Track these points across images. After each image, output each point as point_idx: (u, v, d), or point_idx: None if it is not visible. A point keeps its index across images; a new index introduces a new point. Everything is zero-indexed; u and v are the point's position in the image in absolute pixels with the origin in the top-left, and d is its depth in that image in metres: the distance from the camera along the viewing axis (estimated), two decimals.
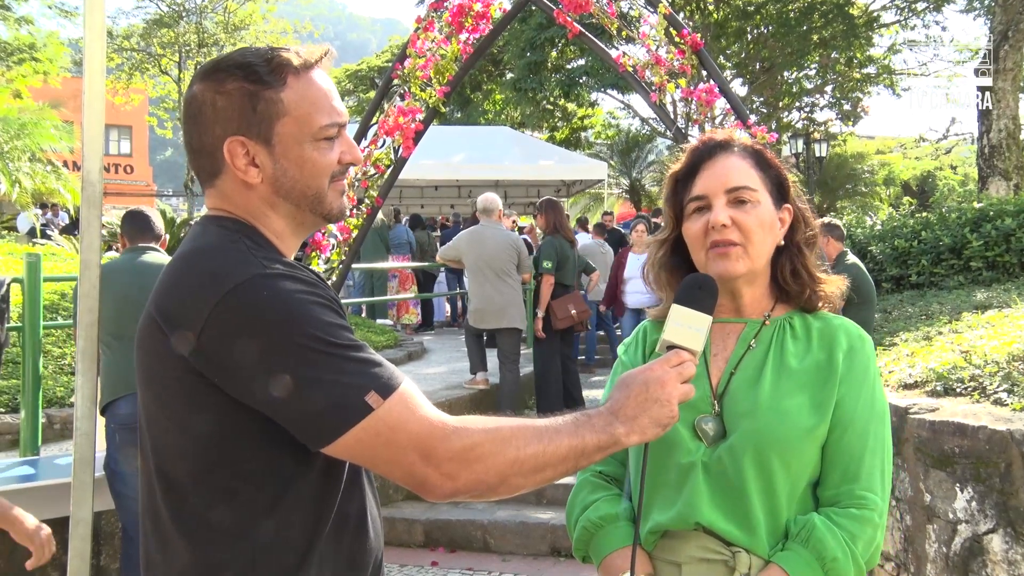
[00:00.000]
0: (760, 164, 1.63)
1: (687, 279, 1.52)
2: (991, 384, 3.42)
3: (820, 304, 1.65)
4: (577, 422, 1.31)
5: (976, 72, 13.32)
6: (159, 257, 4.09)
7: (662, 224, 1.77)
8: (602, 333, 10.67)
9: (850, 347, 1.57)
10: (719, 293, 1.53)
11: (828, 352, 1.57)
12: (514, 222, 13.11)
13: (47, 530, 2.41)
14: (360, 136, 5.68)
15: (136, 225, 4.17)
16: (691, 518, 1.51)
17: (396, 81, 5.66)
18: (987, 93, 12.89)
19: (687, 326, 1.43)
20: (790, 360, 1.57)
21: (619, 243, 11.26)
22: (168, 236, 12.01)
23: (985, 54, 13.22)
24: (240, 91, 1.32)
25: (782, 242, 1.63)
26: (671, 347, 1.42)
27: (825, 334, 1.59)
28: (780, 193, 1.64)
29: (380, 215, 11.20)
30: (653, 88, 5.36)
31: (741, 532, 1.49)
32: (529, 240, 10.68)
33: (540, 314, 7.22)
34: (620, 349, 1.78)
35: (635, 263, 8.90)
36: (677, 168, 1.68)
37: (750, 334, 1.62)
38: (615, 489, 1.69)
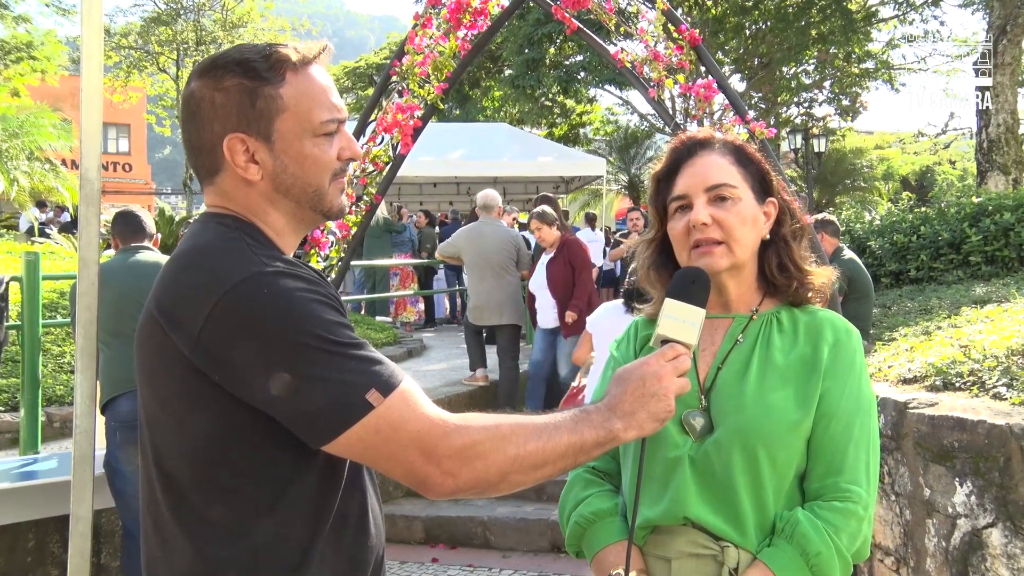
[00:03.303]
0: (741, 160, 1.63)
1: (680, 273, 1.53)
2: (990, 379, 3.41)
3: (810, 297, 1.65)
4: (576, 418, 1.31)
5: (976, 71, 13.31)
6: (153, 256, 4.10)
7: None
8: None
9: (836, 340, 1.57)
10: None
11: (814, 345, 1.57)
12: (515, 219, 13.09)
13: None
14: (358, 133, 5.67)
15: (128, 226, 4.18)
16: (679, 513, 1.52)
17: (394, 78, 5.64)
18: (986, 93, 12.89)
19: (681, 320, 1.43)
20: (776, 354, 1.58)
21: None
22: (167, 234, 11.89)
23: (983, 52, 13.21)
24: (239, 88, 1.32)
25: (767, 236, 1.63)
26: (665, 341, 1.42)
27: (811, 327, 1.60)
28: (763, 187, 1.64)
29: (384, 212, 11.18)
30: (651, 84, 5.35)
31: (729, 526, 1.50)
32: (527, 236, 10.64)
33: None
34: (612, 346, 1.80)
35: (540, 271, 6.84)
36: (658, 168, 1.69)
37: (737, 329, 1.63)
38: (607, 484, 1.70)
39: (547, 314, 6.74)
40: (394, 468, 1.24)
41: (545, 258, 6.75)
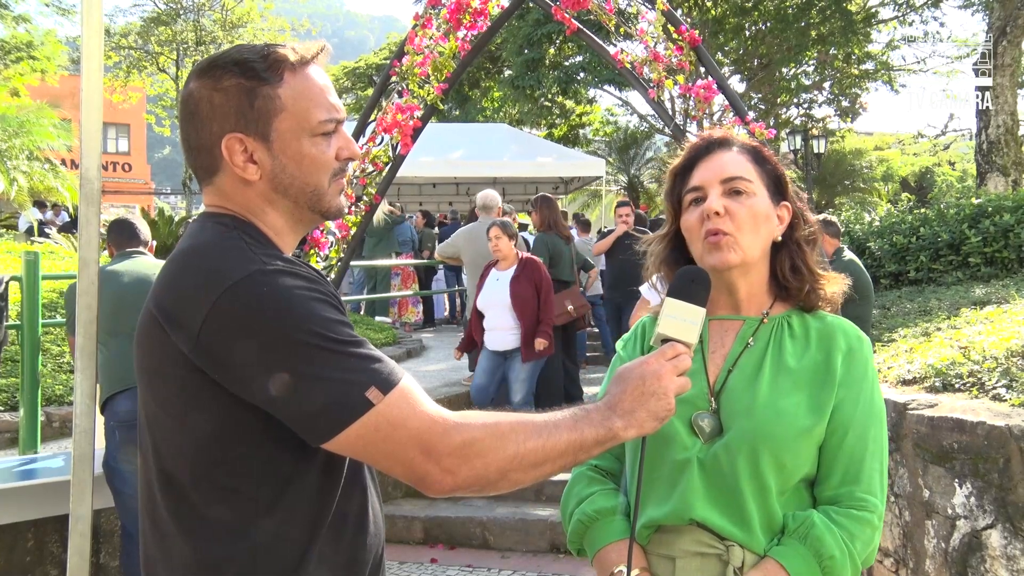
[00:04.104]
0: (757, 160, 1.65)
1: (680, 272, 1.52)
2: (990, 380, 3.42)
3: (820, 304, 1.64)
4: (575, 417, 1.31)
5: (975, 72, 13.33)
6: (149, 259, 4.13)
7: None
8: (595, 330, 10.55)
9: (849, 348, 1.57)
10: (716, 287, 1.54)
11: (826, 353, 1.57)
12: (513, 219, 13.06)
13: None
14: (358, 133, 5.68)
15: (123, 233, 4.20)
16: (686, 514, 1.52)
17: (394, 78, 5.65)
18: (986, 93, 12.91)
19: (681, 319, 1.43)
20: (788, 359, 1.57)
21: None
22: (166, 234, 11.85)
23: (983, 53, 13.23)
24: (237, 88, 1.32)
25: (779, 238, 1.63)
26: (666, 340, 1.42)
27: (823, 334, 1.60)
28: (778, 189, 1.65)
29: (384, 211, 11.16)
30: (651, 85, 5.36)
31: (736, 528, 1.50)
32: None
33: None
34: (619, 344, 1.80)
35: (494, 288, 6.12)
36: (676, 163, 1.70)
37: (748, 332, 1.62)
38: (610, 483, 1.70)
39: (500, 335, 6.11)
40: (394, 466, 1.24)
41: (498, 274, 6.15)
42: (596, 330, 10.40)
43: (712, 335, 1.64)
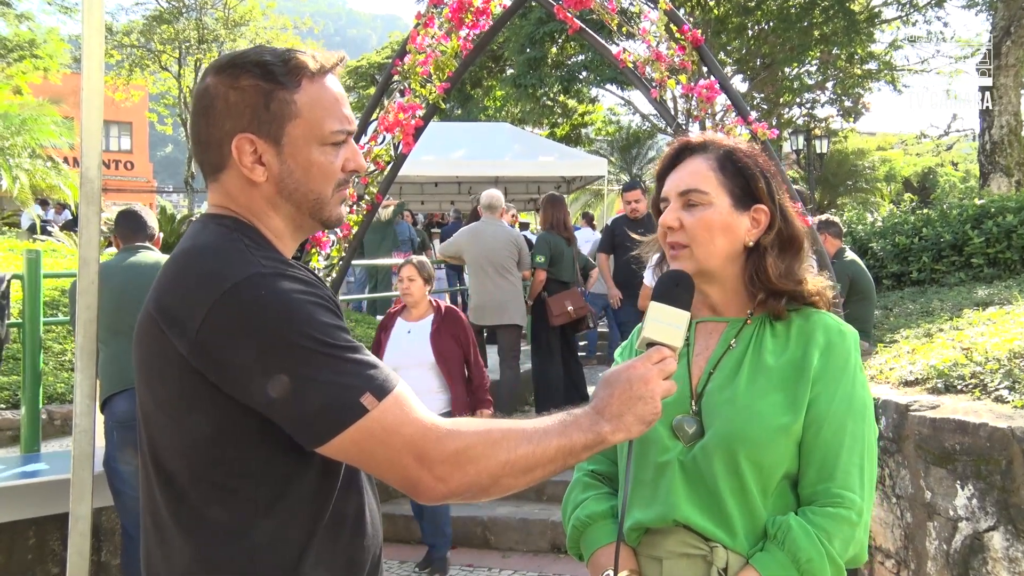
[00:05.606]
0: (723, 167, 1.62)
1: (663, 276, 1.54)
2: (992, 381, 3.41)
3: (816, 302, 1.62)
4: (564, 422, 1.32)
5: (979, 72, 13.30)
6: (153, 255, 4.11)
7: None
8: (604, 330, 10.51)
9: (827, 343, 1.56)
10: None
11: (804, 349, 1.56)
12: (514, 216, 13.02)
13: None
14: (360, 132, 5.68)
15: (129, 225, 4.19)
16: (669, 516, 1.54)
17: (396, 77, 5.65)
18: (989, 93, 12.89)
19: (666, 323, 1.44)
20: (767, 358, 1.57)
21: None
22: (168, 232, 11.84)
23: (986, 52, 13.21)
24: (255, 88, 1.32)
25: (750, 243, 1.62)
26: (651, 344, 1.43)
27: (804, 330, 1.59)
28: (747, 195, 1.62)
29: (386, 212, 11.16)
30: (653, 84, 5.35)
31: (718, 529, 1.52)
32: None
33: (529, 302, 7.25)
34: (616, 353, 1.82)
35: (407, 343, 5.00)
36: (656, 170, 1.74)
37: (731, 333, 1.63)
38: (605, 487, 1.72)
39: (423, 400, 4.84)
40: (387, 472, 1.25)
41: (409, 326, 5.10)
42: (604, 329, 10.38)
43: (698, 338, 1.66)
